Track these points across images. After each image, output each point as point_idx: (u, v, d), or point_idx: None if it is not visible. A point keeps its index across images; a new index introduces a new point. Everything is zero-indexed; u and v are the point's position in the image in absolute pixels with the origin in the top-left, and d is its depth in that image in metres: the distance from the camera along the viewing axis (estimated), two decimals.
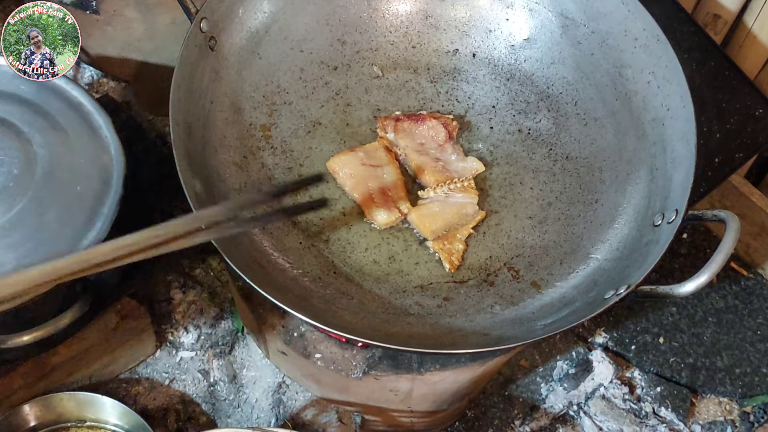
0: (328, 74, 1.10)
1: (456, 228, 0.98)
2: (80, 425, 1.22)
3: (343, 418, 1.21)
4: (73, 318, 1.00)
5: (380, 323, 0.91)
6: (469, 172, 1.02)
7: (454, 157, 1.03)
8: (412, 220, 0.98)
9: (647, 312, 1.44)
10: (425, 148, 1.03)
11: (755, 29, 1.34)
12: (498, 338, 0.89)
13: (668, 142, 0.96)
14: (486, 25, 1.12)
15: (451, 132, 1.04)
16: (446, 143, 1.04)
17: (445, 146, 1.03)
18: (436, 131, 1.04)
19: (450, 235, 0.97)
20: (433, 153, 1.03)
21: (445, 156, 1.03)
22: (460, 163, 1.03)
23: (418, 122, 1.04)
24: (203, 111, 0.99)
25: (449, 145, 1.04)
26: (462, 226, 0.98)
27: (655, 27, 0.99)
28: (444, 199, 0.98)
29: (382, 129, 1.05)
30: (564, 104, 1.08)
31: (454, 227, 0.98)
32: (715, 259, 0.79)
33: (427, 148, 1.03)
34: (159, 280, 1.37)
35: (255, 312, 1.08)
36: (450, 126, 1.04)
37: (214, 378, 1.32)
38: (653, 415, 1.36)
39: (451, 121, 1.05)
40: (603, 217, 0.99)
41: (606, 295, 0.86)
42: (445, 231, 0.98)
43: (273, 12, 1.06)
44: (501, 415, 1.35)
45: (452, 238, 0.97)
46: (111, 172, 1.04)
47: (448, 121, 1.05)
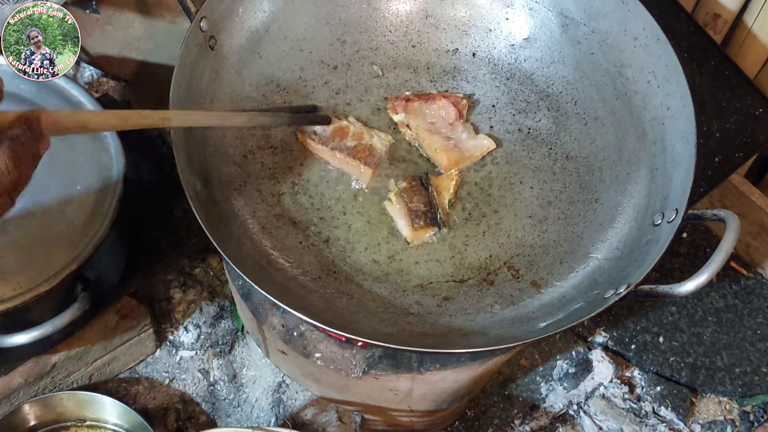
0: (328, 73, 1.10)
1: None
2: (80, 425, 1.22)
3: (343, 418, 1.21)
4: (72, 317, 1.00)
5: (380, 323, 0.91)
6: (480, 150, 1.04)
7: (465, 135, 1.04)
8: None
9: (647, 311, 1.44)
10: (436, 127, 1.04)
11: (755, 29, 1.34)
12: (498, 338, 0.89)
13: (668, 142, 0.96)
14: (486, 24, 1.12)
15: (461, 111, 1.05)
16: (456, 121, 1.04)
17: (455, 125, 1.04)
18: (446, 110, 1.04)
19: None
20: (444, 132, 1.04)
21: (456, 134, 1.04)
22: (471, 141, 1.04)
23: (428, 102, 1.05)
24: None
25: (459, 124, 1.04)
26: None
27: (655, 26, 0.99)
28: None
29: (393, 110, 1.05)
30: (564, 103, 1.08)
31: None
32: (715, 259, 0.79)
33: (438, 127, 1.04)
34: (159, 280, 1.37)
35: (255, 311, 1.08)
36: (460, 105, 1.05)
37: (213, 377, 1.32)
38: (653, 414, 1.36)
39: (461, 100, 1.06)
40: (603, 217, 0.99)
41: (606, 295, 0.86)
42: None
43: (273, 11, 1.06)
44: (501, 414, 1.35)
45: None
46: (111, 172, 1.04)
47: (458, 100, 1.06)
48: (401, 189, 0.99)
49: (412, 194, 0.99)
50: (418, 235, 0.97)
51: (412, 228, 0.97)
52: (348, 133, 1.02)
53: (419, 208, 0.98)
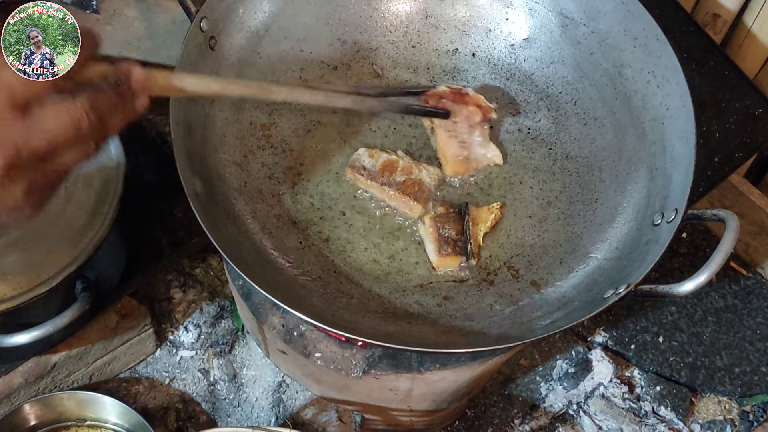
0: (328, 73, 1.10)
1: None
2: (80, 424, 1.22)
3: (343, 417, 1.21)
4: (73, 317, 1.00)
5: (380, 322, 0.91)
6: (485, 161, 1.03)
7: (479, 139, 1.03)
8: None
9: (647, 311, 1.44)
10: (456, 130, 1.02)
11: (755, 29, 1.34)
12: (497, 337, 0.89)
13: (668, 142, 0.96)
14: (486, 24, 1.12)
15: (485, 116, 1.03)
16: (477, 125, 1.03)
17: (475, 127, 1.03)
18: (472, 117, 1.03)
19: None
20: (462, 137, 1.02)
21: (472, 138, 1.03)
22: (480, 150, 1.03)
23: (460, 104, 1.03)
24: (203, 110, 0.99)
25: (479, 127, 1.03)
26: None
27: (654, 26, 0.99)
28: None
29: (424, 101, 1.03)
30: (564, 104, 1.08)
31: None
32: (715, 259, 0.79)
33: (458, 130, 1.02)
34: (159, 280, 1.37)
35: (255, 311, 1.08)
36: (488, 113, 1.03)
37: (214, 377, 1.32)
38: (653, 414, 1.36)
39: (491, 110, 1.04)
40: (602, 217, 0.99)
41: (605, 295, 0.86)
42: None
43: (273, 11, 1.06)
44: (501, 414, 1.35)
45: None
46: (111, 172, 1.04)
47: (489, 110, 1.03)
48: (437, 214, 0.98)
49: (446, 220, 0.97)
50: (445, 262, 0.96)
51: (438, 254, 0.95)
52: (397, 168, 0.99)
53: (450, 236, 0.96)
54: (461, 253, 0.96)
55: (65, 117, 0.59)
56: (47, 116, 0.58)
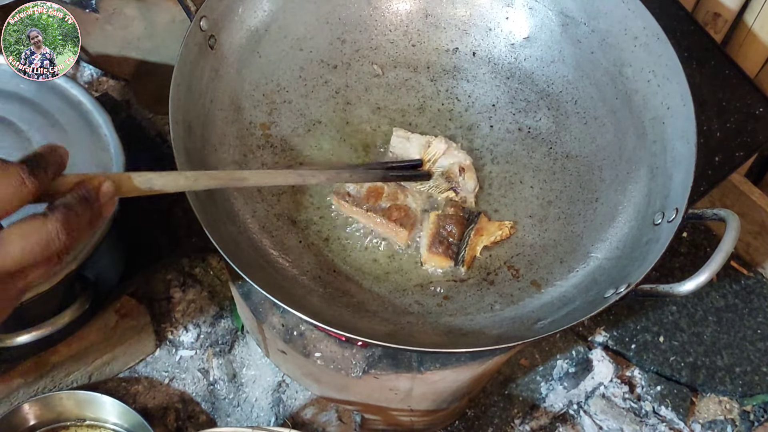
0: (328, 73, 1.10)
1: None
2: (80, 424, 1.22)
3: (343, 417, 1.21)
4: (72, 317, 1.00)
5: (380, 322, 0.91)
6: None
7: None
8: None
9: (647, 311, 1.44)
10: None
11: (755, 28, 1.34)
12: (498, 337, 0.89)
13: (668, 141, 0.96)
14: (486, 23, 1.12)
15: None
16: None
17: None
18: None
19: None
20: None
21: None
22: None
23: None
24: (203, 110, 0.99)
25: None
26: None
27: (655, 25, 0.99)
28: None
29: None
30: (564, 103, 1.08)
31: None
32: (715, 258, 0.79)
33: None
34: (159, 279, 1.37)
35: (255, 311, 1.08)
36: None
37: (213, 377, 1.32)
38: (653, 414, 1.36)
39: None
40: (603, 216, 0.99)
41: (606, 294, 0.86)
42: None
43: (273, 10, 1.06)
44: (501, 414, 1.35)
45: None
46: (110, 171, 1.04)
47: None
48: (445, 213, 0.98)
49: (451, 221, 0.96)
50: (432, 259, 0.95)
51: (428, 249, 0.95)
52: (382, 194, 0.98)
53: (448, 237, 0.96)
54: (451, 257, 0.96)
55: (35, 237, 0.57)
56: (16, 237, 0.56)
